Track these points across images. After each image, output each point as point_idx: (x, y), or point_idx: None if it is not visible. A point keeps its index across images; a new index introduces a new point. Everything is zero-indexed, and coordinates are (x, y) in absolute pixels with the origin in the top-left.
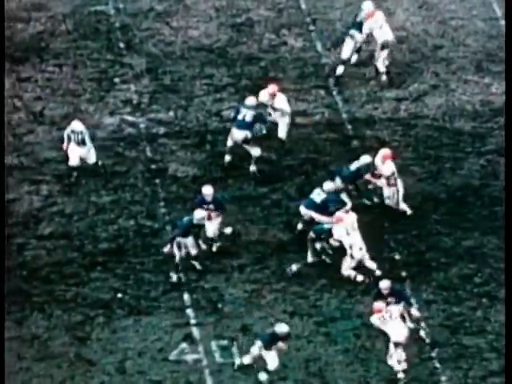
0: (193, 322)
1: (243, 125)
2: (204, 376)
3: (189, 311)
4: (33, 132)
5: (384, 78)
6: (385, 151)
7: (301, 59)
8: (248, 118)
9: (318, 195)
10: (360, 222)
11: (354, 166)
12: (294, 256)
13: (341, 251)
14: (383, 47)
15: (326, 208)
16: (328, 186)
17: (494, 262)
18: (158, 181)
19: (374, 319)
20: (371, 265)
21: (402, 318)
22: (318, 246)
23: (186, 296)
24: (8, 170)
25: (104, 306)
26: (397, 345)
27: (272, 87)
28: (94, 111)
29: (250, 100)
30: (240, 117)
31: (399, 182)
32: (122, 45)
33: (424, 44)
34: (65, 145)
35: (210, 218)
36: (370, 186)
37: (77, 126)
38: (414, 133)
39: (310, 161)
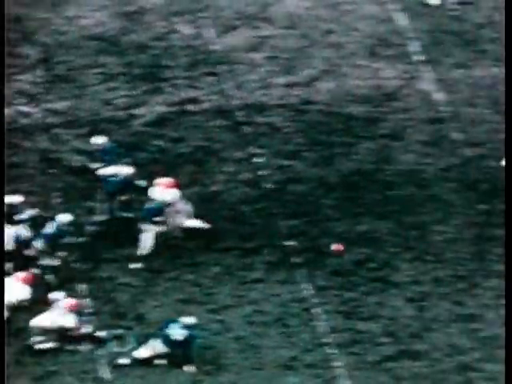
0: None
1: None
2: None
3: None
4: None
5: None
6: (166, 180)
7: (190, 47)
8: None
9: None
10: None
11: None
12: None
13: None
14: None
15: None
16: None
17: (387, 246)
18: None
19: None
20: None
21: None
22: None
23: (80, 286)
24: None
25: None
26: None
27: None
28: None
29: None
30: None
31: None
32: (17, 35)
33: (315, 29)
34: None
35: None
36: None
37: None
38: (305, 118)
39: (201, 148)
